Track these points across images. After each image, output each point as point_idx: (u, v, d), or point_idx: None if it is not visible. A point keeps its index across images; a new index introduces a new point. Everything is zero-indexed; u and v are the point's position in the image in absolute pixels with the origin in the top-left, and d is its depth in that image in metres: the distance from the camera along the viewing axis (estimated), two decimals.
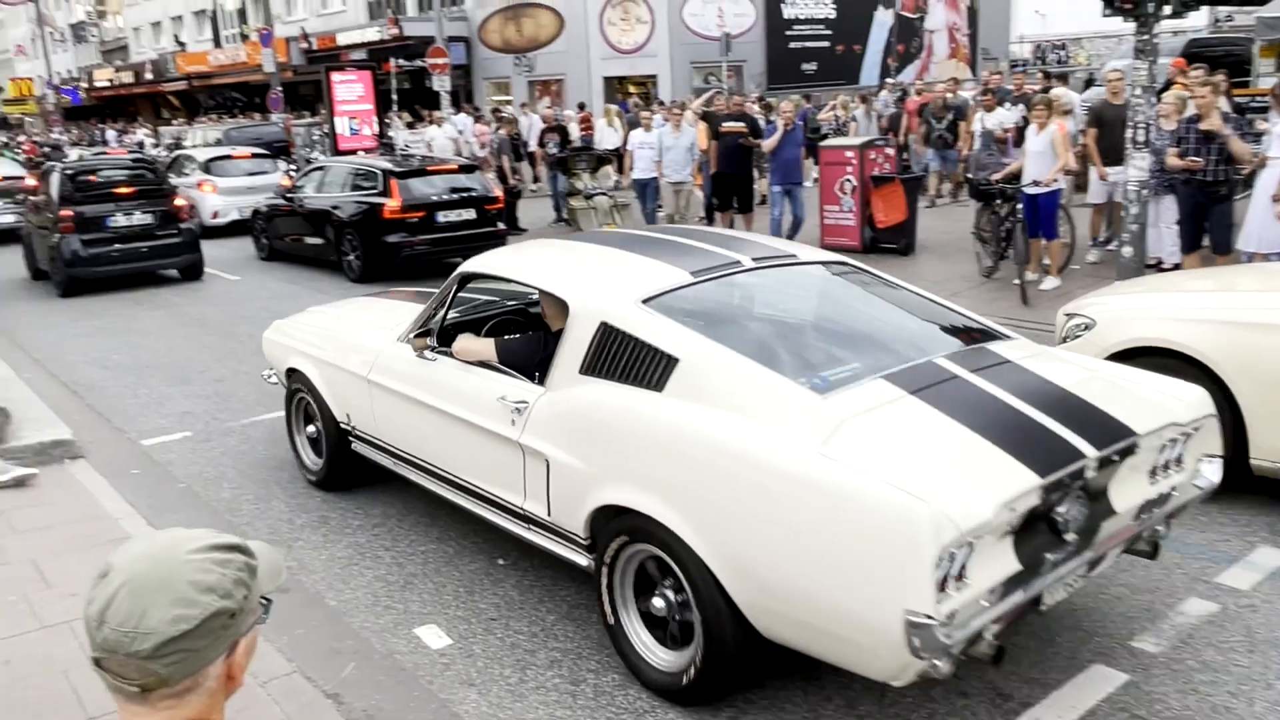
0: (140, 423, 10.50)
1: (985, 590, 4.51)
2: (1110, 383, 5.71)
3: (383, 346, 7.47)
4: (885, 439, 4.77)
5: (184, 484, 8.73)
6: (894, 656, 4.39)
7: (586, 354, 5.83)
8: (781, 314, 6.29)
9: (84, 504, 8.11)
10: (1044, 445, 4.92)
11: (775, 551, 4.73)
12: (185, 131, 47.21)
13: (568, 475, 5.73)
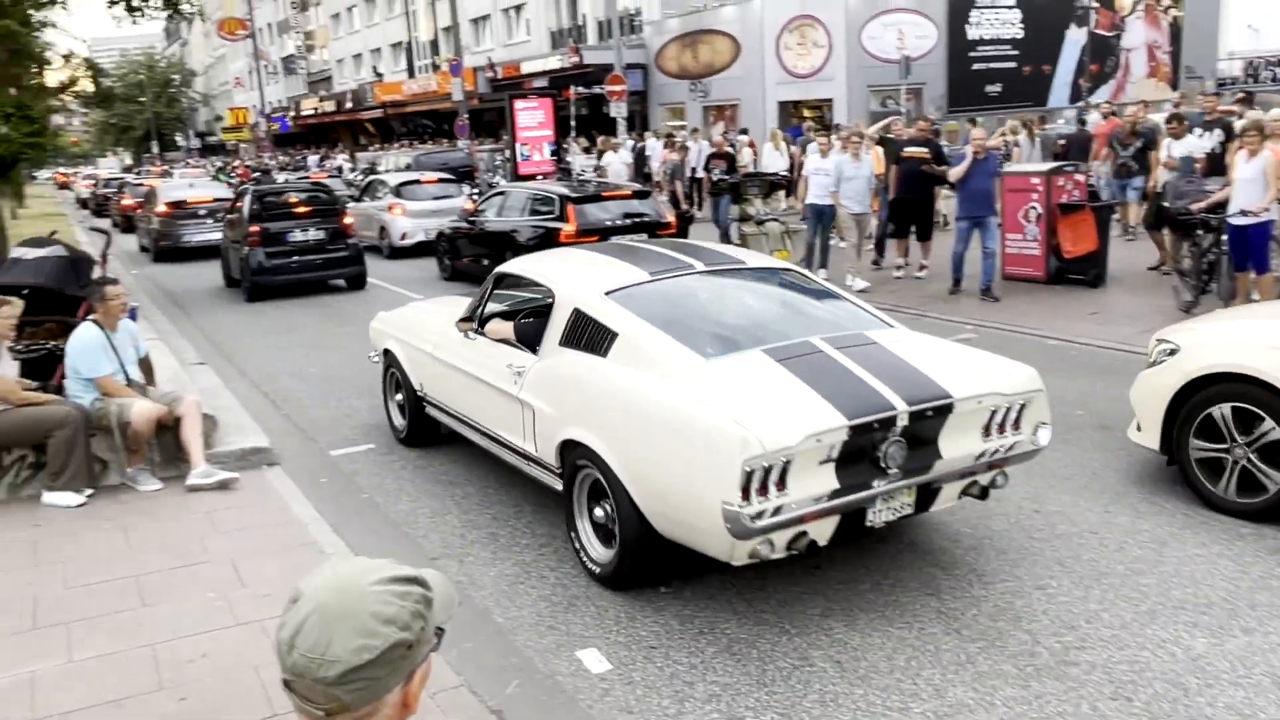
0: (330, 433, 11.00)
1: (805, 498, 6.32)
2: (952, 360, 7.40)
3: (445, 329, 9.65)
4: (740, 390, 6.65)
5: (366, 494, 9.11)
6: (723, 537, 6.21)
7: (564, 331, 7.92)
8: (710, 305, 8.04)
9: (277, 509, 8.54)
10: (862, 398, 6.66)
11: (657, 465, 6.65)
12: (380, 156, 50.71)
13: (545, 419, 7.77)
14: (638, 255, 8.95)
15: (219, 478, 9.06)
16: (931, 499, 7.15)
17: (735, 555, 6.44)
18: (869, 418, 6.63)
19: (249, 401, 12.35)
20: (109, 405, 9.08)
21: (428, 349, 10.05)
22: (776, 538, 6.45)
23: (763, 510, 6.27)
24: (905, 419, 6.77)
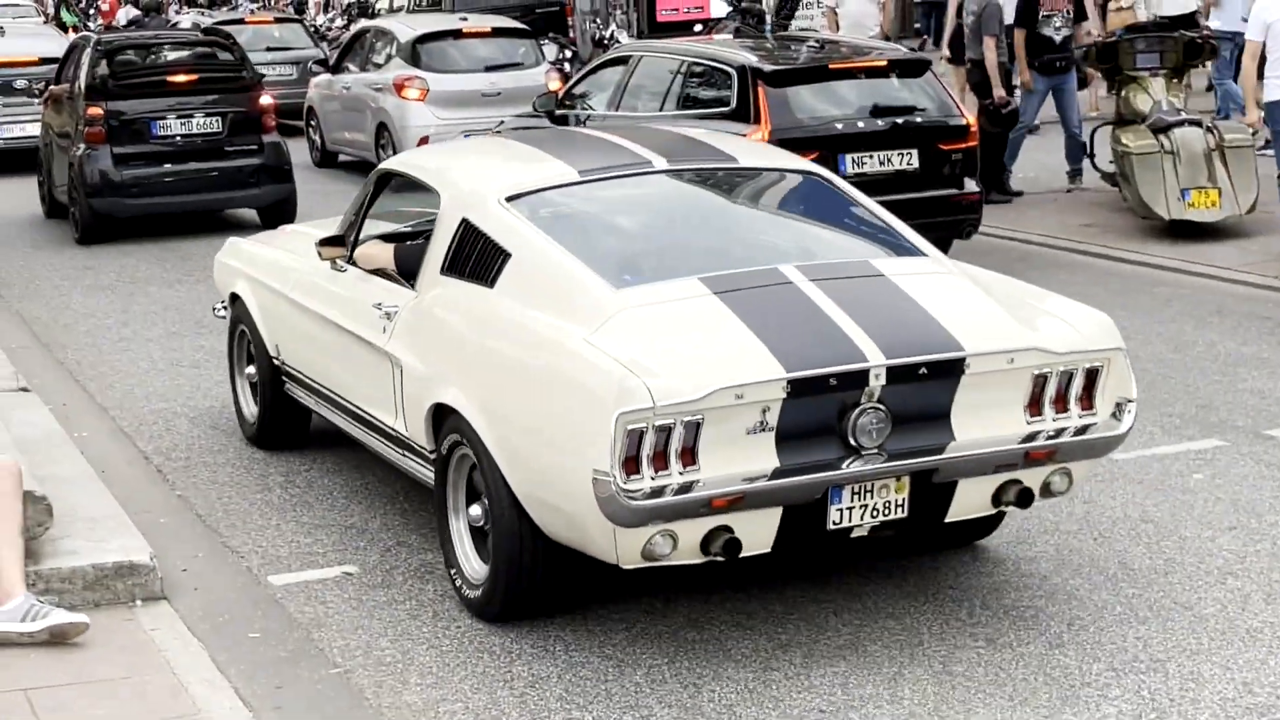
0: (270, 539, 7.17)
1: (724, 477, 5.17)
2: (990, 303, 5.89)
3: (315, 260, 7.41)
4: (647, 328, 5.48)
5: (341, 669, 5.84)
6: (601, 525, 5.14)
7: (448, 253, 6.38)
8: (657, 218, 6.67)
9: (158, 693, 5.61)
10: (819, 345, 5.37)
11: (532, 432, 5.53)
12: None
13: (413, 380, 6.30)
14: (576, 146, 7.57)
15: (50, 622, 6.01)
16: (941, 500, 5.63)
17: (622, 553, 5.33)
18: (822, 371, 5.32)
19: (115, 465, 8.17)
20: None
21: (285, 289, 7.87)
22: (682, 531, 5.25)
23: (657, 488, 5.10)
24: (882, 376, 5.35)
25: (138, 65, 15.90)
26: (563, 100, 13.93)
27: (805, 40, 14.14)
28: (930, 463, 5.47)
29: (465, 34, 18.68)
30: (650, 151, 6.80)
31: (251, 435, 8.47)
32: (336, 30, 28.77)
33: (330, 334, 7.21)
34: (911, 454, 5.43)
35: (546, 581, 5.83)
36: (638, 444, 5.05)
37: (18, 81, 19.91)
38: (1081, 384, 5.70)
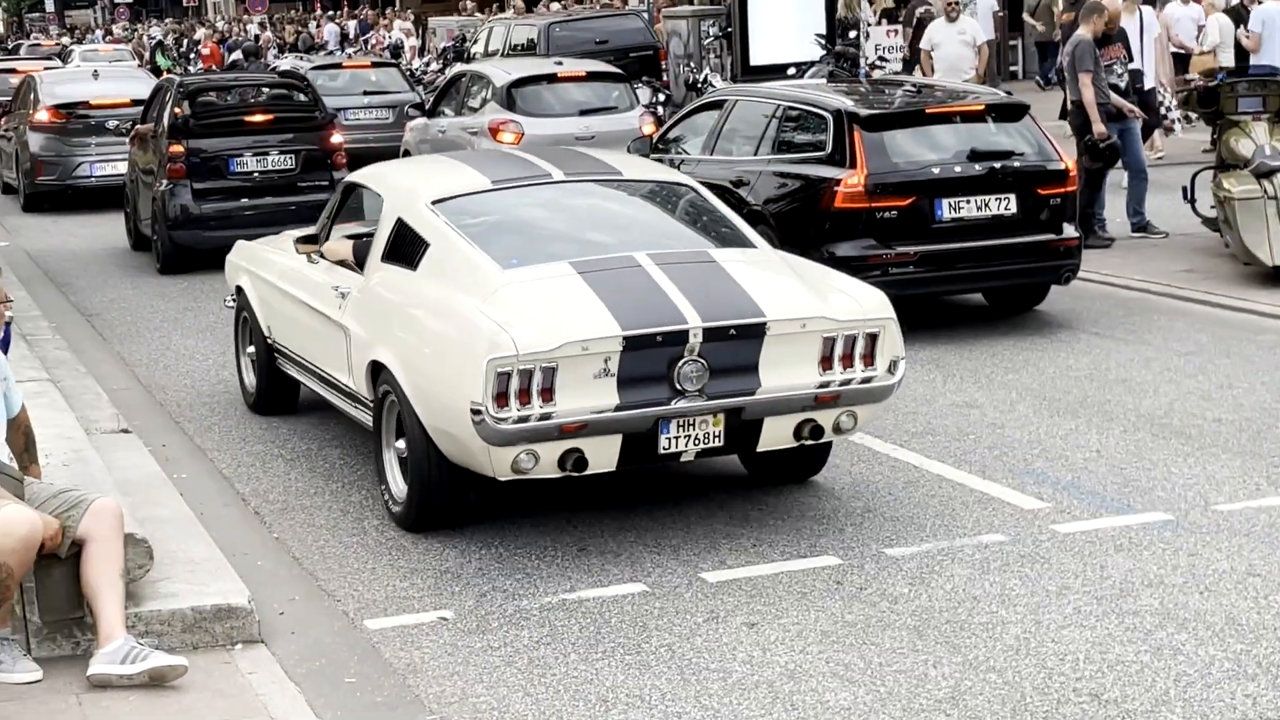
0: (366, 583, 7.14)
1: (574, 410, 6.79)
2: (794, 282, 7.53)
3: (297, 256, 9.15)
4: (522, 298, 7.12)
5: (436, 717, 5.82)
6: (478, 444, 6.81)
7: (386, 245, 8.08)
8: (546, 216, 8.29)
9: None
10: (650, 312, 6.98)
11: (433, 378, 7.21)
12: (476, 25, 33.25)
13: (357, 344, 7.98)
14: (493, 162, 9.31)
15: (150, 664, 6.00)
16: (752, 434, 7.28)
17: (496, 467, 6.93)
18: (649, 330, 6.90)
19: (213, 508, 8.17)
20: None
21: (274, 280, 9.60)
22: (543, 451, 6.86)
23: (522, 417, 6.73)
24: (699, 335, 6.93)
25: (217, 105, 16.54)
26: (657, 144, 13.88)
27: (901, 84, 13.98)
28: (739, 403, 7.10)
29: (560, 78, 18.64)
30: (551, 165, 8.51)
31: (251, 404, 10.13)
32: (432, 74, 28.85)
33: (305, 314, 8.91)
34: (725, 396, 7.05)
35: (450, 497, 7.51)
36: (505, 383, 6.70)
37: (109, 122, 20.58)
38: (864, 346, 7.27)
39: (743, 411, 7.12)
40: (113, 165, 20.16)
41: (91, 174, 21.01)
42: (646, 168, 9.66)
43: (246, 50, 38.78)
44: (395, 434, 7.62)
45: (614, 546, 7.30)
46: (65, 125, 21.26)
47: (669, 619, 6.38)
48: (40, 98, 21.84)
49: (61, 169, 21.10)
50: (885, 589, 6.61)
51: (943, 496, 7.82)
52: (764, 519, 7.59)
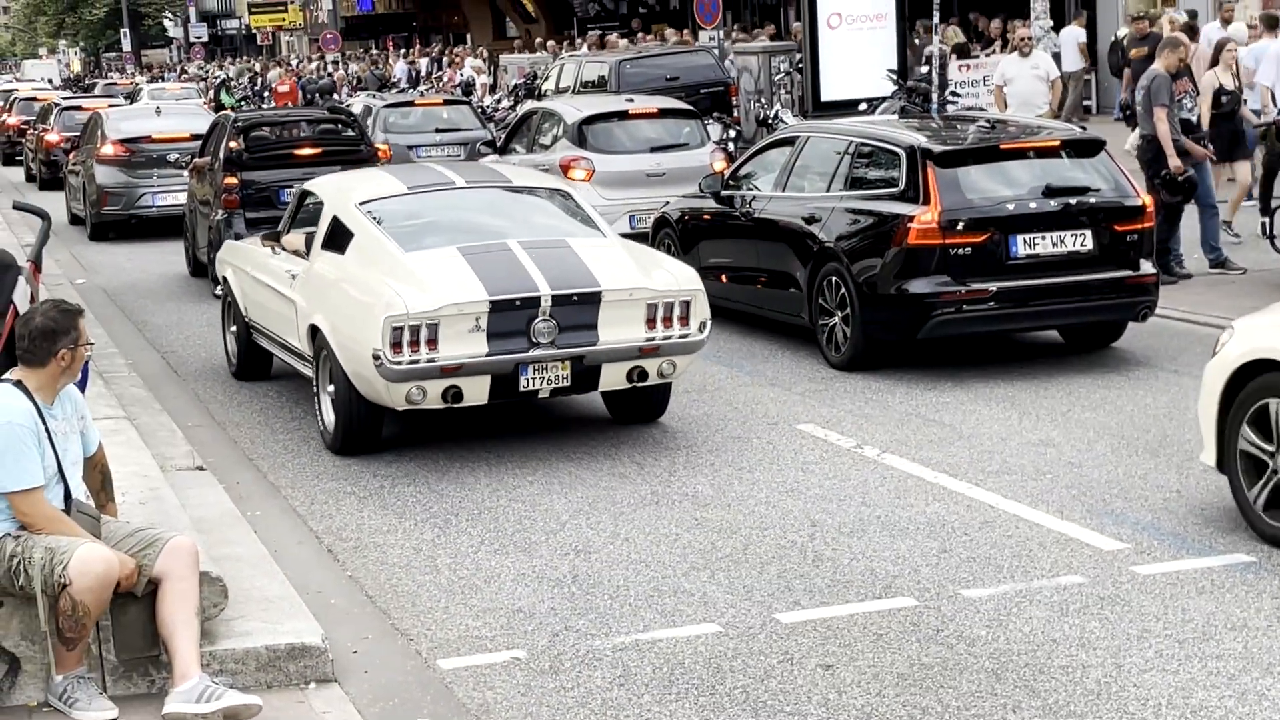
0: (439, 622, 7.09)
1: (456, 355, 9.12)
2: (627, 261, 9.84)
3: (270, 251, 11.51)
4: (417, 272, 9.38)
5: None
6: (379, 381, 9.14)
7: (325, 236, 10.35)
8: (446, 213, 10.56)
9: None
10: (512, 282, 9.28)
11: (349, 335, 9.48)
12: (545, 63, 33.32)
13: (301, 313, 10.29)
14: (410, 172, 12.20)
15: (224, 703, 5.98)
16: (592, 377, 9.59)
17: (393, 398, 9.27)
18: (510, 295, 9.21)
19: (287, 546, 8.14)
20: (29, 549, 6.11)
21: (249, 269, 11.69)
22: (429, 387, 9.19)
23: (413, 360, 9.04)
24: (549, 300, 9.22)
25: (269, 140, 17.51)
26: (728, 181, 13.80)
27: (974, 120, 13.85)
28: (581, 352, 9.38)
29: (631, 115, 18.45)
30: (455, 175, 11.12)
31: (234, 372, 12.37)
32: (503, 111, 28.84)
33: (268, 294, 11.14)
34: (570, 346, 9.33)
35: (367, 426, 9.83)
36: (399, 335, 8.99)
37: (170, 155, 21.12)
38: (680, 311, 9.56)
39: (584, 359, 9.41)
40: (173, 196, 21.20)
41: (153, 204, 22.06)
42: (532, 178, 12.09)
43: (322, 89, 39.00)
44: (328, 380, 9.89)
45: (687, 586, 7.22)
46: (129, 159, 22.24)
47: (743, 660, 6.30)
48: (106, 133, 22.80)
49: (125, 200, 22.14)
50: (962, 631, 6.50)
51: (1020, 537, 7.69)
52: (838, 559, 7.49)
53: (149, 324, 15.42)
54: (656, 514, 8.38)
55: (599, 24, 44.56)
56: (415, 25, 61.28)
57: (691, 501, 8.60)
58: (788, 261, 12.27)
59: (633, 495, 8.76)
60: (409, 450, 9.96)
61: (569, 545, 7.93)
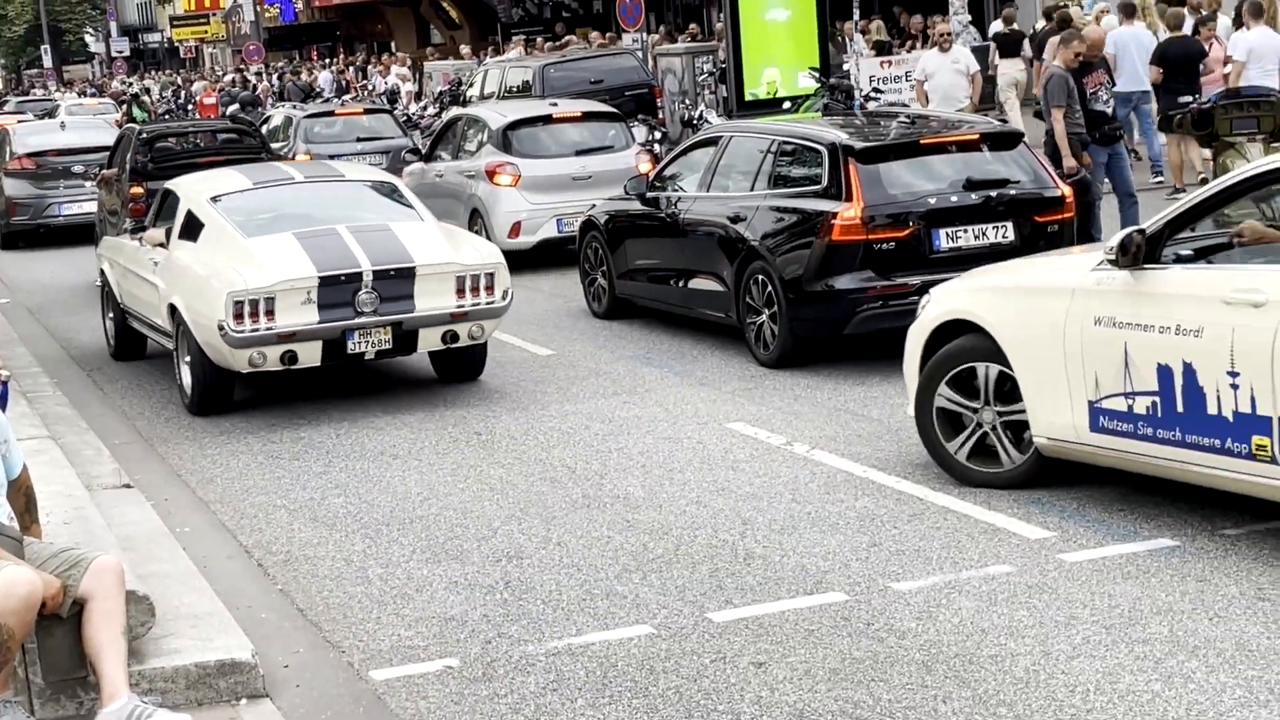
0: (370, 633, 7.09)
1: (290, 324, 10.64)
2: (440, 240, 11.52)
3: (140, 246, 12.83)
4: (258, 255, 10.95)
5: None
6: (225, 348, 10.64)
7: (181, 228, 11.84)
8: (287, 205, 12.00)
9: None
10: (338, 260, 10.84)
11: (199, 311, 10.94)
12: (470, 70, 32.40)
13: (162, 294, 11.74)
14: (257, 170, 13.36)
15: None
16: (411, 340, 11.17)
17: (237, 362, 10.80)
18: (336, 271, 10.77)
19: (216, 561, 8.17)
20: None
21: (122, 261, 13.23)
22: (269, 352, 10.69)
23: (253, 328, 10.54)
24: (370, 275, 10.79)
25: (173, 150, 18.27)
26: (653, 182, 13.83)
27: (895, 115, 13.92)
28: (400, 319, 10.92)
29: (555, 119, 18.46)
30: (295, 171, 13.12)
31: (112, 353, 13.93)
32: (429, 119, 28.72)
33: (136, 281, 12.60)
34: (390, 314, 10.87)
35: (219, 390, 11.38)
36: (241, 308, 10.47)
37: (75, 167, 22.99)
38: (485, 282, 11.11)
39: (403, 324, 10.93)
40: (78, 205, 22.93)
41: (60, 213, 23.65)
42: (365, 172, 14.21)
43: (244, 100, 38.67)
44: (185, 352, 11.34)
45: (619, 588, 7.23)
46: (36, 171, 23.95)
47: (676, 660, 6.32)
48: (14, 148, 24.43)
49: (33, 210, 23.76)
50: (893, 624, 6.54)
51: (948, 528, 7.75)
52: (769, 556, 7.53)
53: (74, 342, 15.29)
54: (588, 517, 8.39)
55: (523, 29, 44.48)
56: (339, 34, 61.05)
57: (623, 504, 8.62)
58: (714, 261, 12.32)
59: (564, 499, 8.76)
60: (339, 461, 9.94)
61: (501, 551, 7.93)
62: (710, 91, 24.15)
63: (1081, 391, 7.72)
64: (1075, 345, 7.70)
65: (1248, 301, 6.95)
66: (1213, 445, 7.16)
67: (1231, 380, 7.02)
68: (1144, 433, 7.49)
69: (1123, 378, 7.52)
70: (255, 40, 51.60)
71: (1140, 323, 7.43)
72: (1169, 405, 7.32)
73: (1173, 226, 7.60)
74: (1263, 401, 6.89)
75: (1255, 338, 6.88)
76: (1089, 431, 7.75)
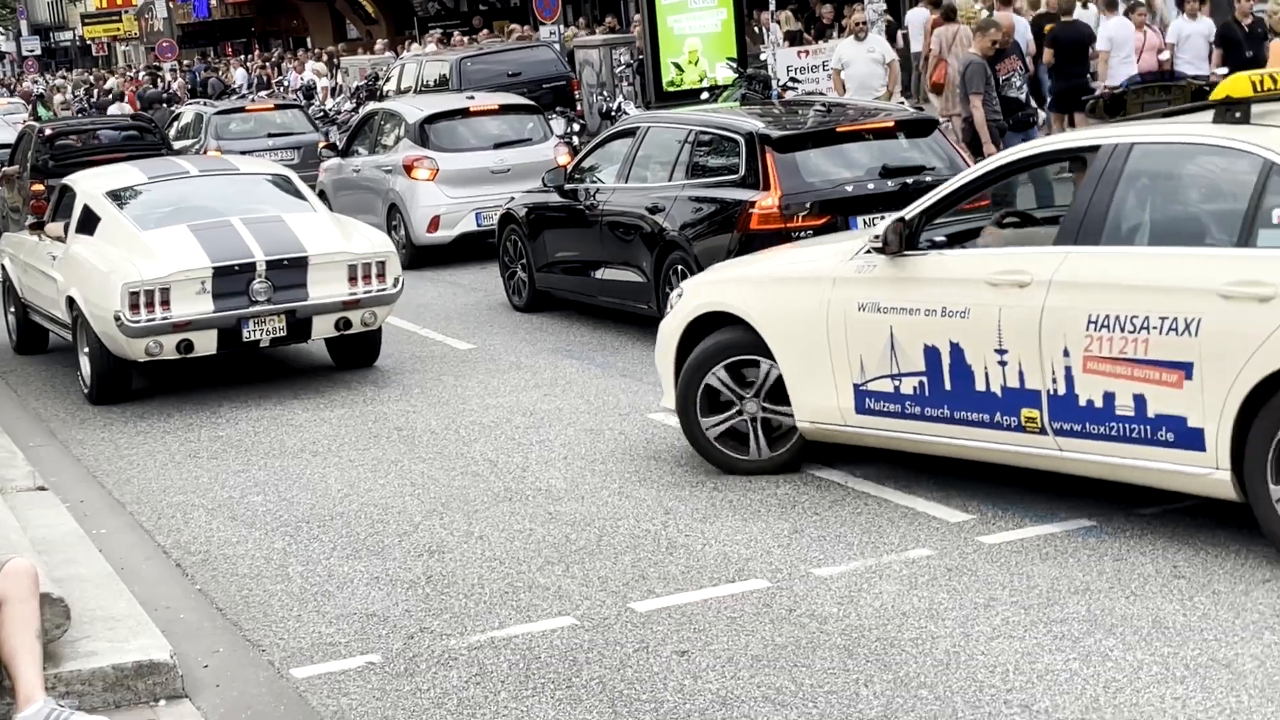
0: (291, 631, 7.03)
1: (186, 313, 10.91)
2: (331, 230, 11.88)
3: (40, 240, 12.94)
4: (152, 246, 11.20)
5: None
6: (121, 337, 10.89)
7: (78, 221, 12.04)
8: (182, 197, 12.26)
9: None
10: (231, 250, 11.15)
11: (96, 302, 11.14)
12: (388, 64, 32.21)
13: (61, 287, 11.90)
14: (153, 165, 13.65)
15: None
16: (305, 328, 11.43)
17: (134, 352, 11.05)
18: (230, 262, 11.05)
19: (134, 562, 8.06)
20: None
21: (22, 256, 13.37)
22: (165, 341, 10.94)
23: (149, 318, 10.80)
24: (264, 265, 11.08)
25: (73, 148, 18.83)
26: (572, 174, 13.78)
27: (812, 104, 13.96)
28: (294, 307, 11.20)
29: (473, 112, 18.30)
30: (190, 165, 13.66)
31: (14, 347, 14.13)
32: (346, 114, 28.48)
33: (36, 275, 12.82)
34: (284, 302, 11.15)
35: (117, 379, 11.56)
36: (137, 299, 10.73)
37: None
38: (376, 270, 11.43)
39: (297, 312, 11.20)
40: None
41: None
42: (259, 165, 14.35)
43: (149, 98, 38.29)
44: (84, 343, 11.54)
45: (542, 580, 7.22)
46: None
47: (599, 651, 6.31)
48: None
49: None
50: (814, 609, 6.57)
51: (869, 513, 7.79)
52: (691, 545, 7.53)
53: None
54: (510, 510, 8.36)
55: (440, 22, 44.24)
56: (253, 30, 60.53)
57: (545, 496, 8.60)
58: (633, 252, 12.29)
59: (486, 493, 8.73)
60: (259, 459, 9.85)
61: (423, 546, 7.89)
62: (628, 83, 24.14)
63: (846, 375, 8.02)
64: (839, 331, 8.00)
65: (1013, 282, 7.28)
66: (982, 420, 7.51)
67: (1000, 357, 7.34)
68: (912, 411, 7.81)
69: (889, 360, 7.82)
70: (168, 37, 50.91)
71: (905, 306, 7.74)
72: (937, 384, 7.65)
73: (929, 214, 7.96)
74: (1031, 376, 7.23)
75: (1022, 316, 7.21)
76: (855, 414, 8.06)
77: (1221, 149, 7.12)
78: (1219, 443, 6.63)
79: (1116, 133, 7.59)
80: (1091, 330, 6.99)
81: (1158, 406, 6.83)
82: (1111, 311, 6.92)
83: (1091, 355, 7.00)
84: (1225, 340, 6.56)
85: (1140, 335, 6.81)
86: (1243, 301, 6.52)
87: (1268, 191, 6.69)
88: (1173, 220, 7.48)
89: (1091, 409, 7.06)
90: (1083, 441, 7.15)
